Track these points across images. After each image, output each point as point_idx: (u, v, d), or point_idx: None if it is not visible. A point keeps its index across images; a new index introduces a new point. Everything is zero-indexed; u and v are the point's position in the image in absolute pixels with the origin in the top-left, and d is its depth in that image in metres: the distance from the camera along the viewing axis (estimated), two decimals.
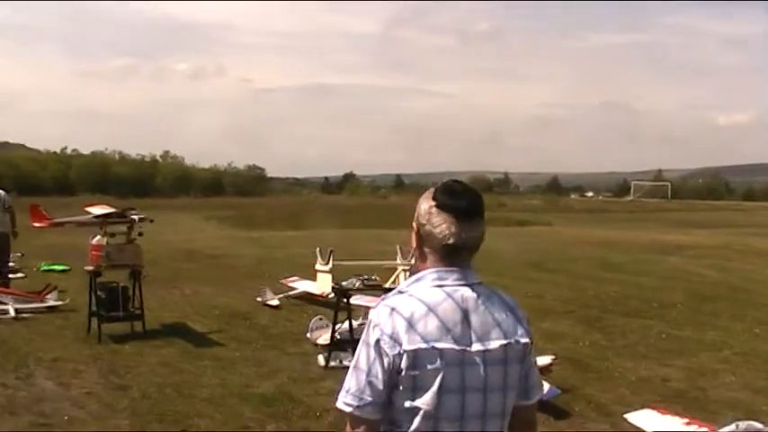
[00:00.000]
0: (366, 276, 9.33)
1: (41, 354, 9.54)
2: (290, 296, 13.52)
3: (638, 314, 13.08)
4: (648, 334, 11.49)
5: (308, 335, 10.26)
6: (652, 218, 49.75)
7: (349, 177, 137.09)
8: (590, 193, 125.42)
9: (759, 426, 5.82)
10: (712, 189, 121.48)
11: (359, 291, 9.53)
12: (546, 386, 7.71)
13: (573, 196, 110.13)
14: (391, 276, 9.52)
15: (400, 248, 9.80)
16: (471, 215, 2.46)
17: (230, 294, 14.29)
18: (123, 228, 10.84)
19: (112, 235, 10.65)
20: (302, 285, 13.79)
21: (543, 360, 8.66)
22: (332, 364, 9.24)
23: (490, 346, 2.42)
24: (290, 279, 14.27)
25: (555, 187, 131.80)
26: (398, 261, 9.64)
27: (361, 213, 37.69)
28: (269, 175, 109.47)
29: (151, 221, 11.18)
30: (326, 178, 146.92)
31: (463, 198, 2.47)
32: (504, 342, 2.44)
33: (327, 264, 9.34)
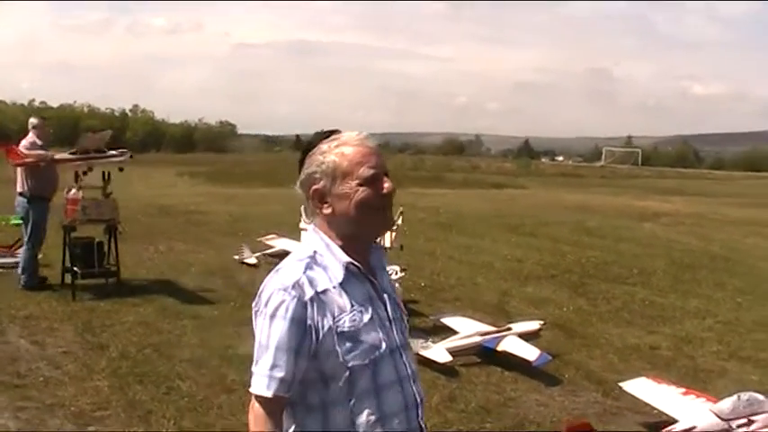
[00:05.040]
0: None
1: (13, 311, 9.24)
2: (267, 254, 13.27)
3: (620, 280, 12.98)
4: (632, 300, 11.40)
5: None
6: (624, 184, 49.73)
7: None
8: (560, 158, 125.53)
9: (761, 397, 5.69)
10: (682, 157, 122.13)
11: None
12: (536, 352, 7.58)
13: (544, 160, 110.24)
14: None
15: None
16: None
17: (206, 252, 14.02)
18: (98, 182, 10.51)
19: (79, 188, 10.28)
20: (280, 243, 13.51)
21: (531, 325, 8.54)
22: None
23: None
24: (268, 237, 14.00)
25: (526, 151, 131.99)
26: None
27: None
28: (240, 132, 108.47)
29: (126, 163, 10.95)
30: (298, 136, 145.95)
31: None
32: None
33: (311, 222, 9.00)
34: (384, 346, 2.29)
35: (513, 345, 7.80)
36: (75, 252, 10.24)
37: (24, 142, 10.72)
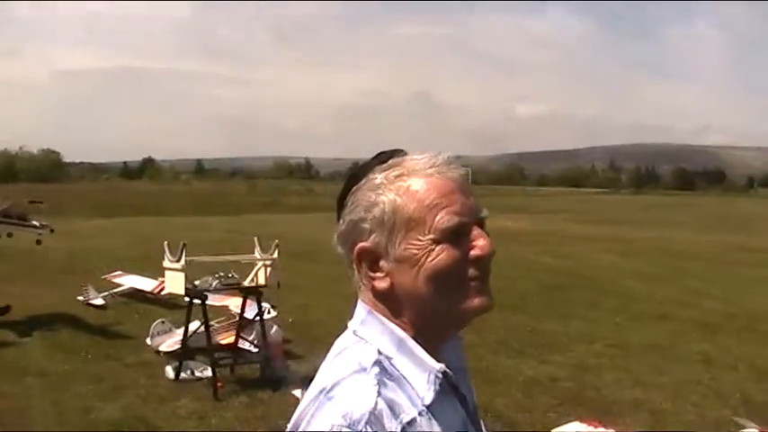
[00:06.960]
0: (223, 274, 8.16)
1: None
2: (116, 294, 12.02)
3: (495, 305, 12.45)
4: (514, 327, 10.93)
5: (149, 341, 8.94)
6: None
7: (148, 162, 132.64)
8: None
9: None
10: (509, 175, 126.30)
11: (217, 291, 8.36)
12: None
13: None
14: (250, 273, 8.33)
15: (258, 241, 8.55)
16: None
17: (45, 293, 12.51)
18: None
19: None
20: (129, 281, 12.31)
21: None
22: (183, 375, 8.02)
23: None
24: (115, 274, 12.69)
25: None
26: (257, 255, 8.43)
27: (167, 199, 35.74)
28: (65, 160, 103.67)
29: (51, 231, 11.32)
30: (125, 163, 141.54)
31: None
32: None
33: (179, 260, 7.91)
34: None
35: None
36: None
37: None
